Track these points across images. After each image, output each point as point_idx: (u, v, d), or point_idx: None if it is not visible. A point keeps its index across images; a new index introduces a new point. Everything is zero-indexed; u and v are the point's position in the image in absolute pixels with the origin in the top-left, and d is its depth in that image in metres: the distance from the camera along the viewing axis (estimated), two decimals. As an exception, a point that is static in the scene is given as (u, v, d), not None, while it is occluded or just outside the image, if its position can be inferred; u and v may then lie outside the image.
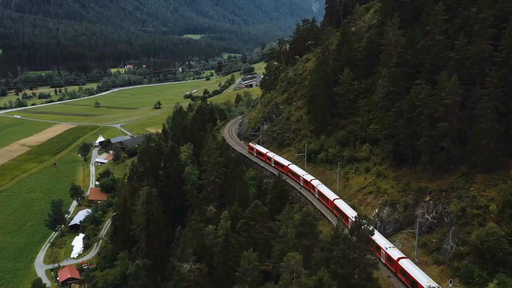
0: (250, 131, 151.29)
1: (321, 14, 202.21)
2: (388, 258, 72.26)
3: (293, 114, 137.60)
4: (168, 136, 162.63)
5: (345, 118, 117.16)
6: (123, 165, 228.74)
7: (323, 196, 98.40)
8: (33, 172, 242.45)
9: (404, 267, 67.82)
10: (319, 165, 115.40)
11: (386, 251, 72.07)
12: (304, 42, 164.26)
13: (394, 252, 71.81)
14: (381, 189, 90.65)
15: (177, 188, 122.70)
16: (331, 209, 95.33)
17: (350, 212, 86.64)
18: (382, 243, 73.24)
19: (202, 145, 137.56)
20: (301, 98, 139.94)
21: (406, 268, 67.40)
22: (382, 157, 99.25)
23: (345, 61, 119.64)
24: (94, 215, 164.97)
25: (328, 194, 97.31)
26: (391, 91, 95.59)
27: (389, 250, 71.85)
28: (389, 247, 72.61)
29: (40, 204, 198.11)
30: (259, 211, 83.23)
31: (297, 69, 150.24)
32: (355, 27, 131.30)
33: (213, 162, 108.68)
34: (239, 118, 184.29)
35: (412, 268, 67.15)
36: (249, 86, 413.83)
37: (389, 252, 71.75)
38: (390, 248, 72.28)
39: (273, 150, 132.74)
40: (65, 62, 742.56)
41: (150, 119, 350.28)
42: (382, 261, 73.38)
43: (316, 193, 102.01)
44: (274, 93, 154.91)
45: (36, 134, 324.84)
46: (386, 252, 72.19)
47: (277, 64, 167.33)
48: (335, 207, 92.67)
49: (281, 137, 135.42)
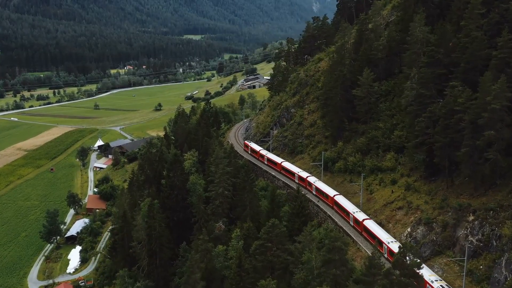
0: (259, 136, 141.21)
1: (321, 14, 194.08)
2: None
3: (306, 118, 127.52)
4: (171, 141, 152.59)
5: (364, 123, 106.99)
6: (122, 170, 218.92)
7: (322, 193, 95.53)
8: (29, 178, 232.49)
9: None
10: (337, 175, 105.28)
11: (432, 285, 61.47)
12: (315, 41, 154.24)
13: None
14: (412, 205, 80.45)
15: (181, 200, 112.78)
16: (331, 206, 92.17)
17: (351, 208, 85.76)
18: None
19: (207, 152, 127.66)
20: (314, 101, 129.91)
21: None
22: (410, 167, 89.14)
23: (364, 61, 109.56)
24: (92, 226, 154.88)
25: (327, 191, 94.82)
26: (421, 94, 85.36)
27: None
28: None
29: (36, 213, 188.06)
30: (276, 231, 73.11)
31: (309, 70, 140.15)
32: (373, 24, 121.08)
33: (222, 173, 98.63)
34: (245, 121, 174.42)
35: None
36: (252, 87, 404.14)
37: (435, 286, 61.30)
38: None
39: (285, 157, 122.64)
40: (64, 63, 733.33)
41: (151, 121, 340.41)
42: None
43: (314, 189, 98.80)
44: (283, 96, 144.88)
45: (33, 137, 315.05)
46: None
47: (285, 65, 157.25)
48: (336, 203, 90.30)
49: (293, 143, 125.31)
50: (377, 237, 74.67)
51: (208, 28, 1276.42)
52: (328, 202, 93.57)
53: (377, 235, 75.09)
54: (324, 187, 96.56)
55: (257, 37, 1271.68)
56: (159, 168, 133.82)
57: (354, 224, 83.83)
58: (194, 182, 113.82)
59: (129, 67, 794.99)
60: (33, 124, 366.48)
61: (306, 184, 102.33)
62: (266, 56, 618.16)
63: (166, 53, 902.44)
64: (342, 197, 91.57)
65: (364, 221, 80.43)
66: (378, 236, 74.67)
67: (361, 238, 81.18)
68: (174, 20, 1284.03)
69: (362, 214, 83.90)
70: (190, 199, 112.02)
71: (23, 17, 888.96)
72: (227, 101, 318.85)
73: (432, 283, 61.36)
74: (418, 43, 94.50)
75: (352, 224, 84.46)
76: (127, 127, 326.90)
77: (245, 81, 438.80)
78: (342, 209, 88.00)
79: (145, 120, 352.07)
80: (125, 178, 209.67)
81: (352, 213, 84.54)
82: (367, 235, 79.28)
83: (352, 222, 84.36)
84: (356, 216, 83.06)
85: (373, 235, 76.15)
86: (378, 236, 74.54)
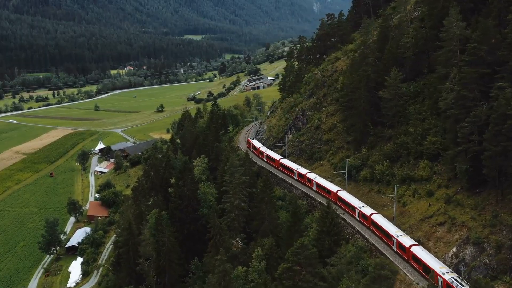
0: (272, 140, 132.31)
1: (322, 14, 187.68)
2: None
3: (324, 121, 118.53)
4: (178, 146, 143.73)
5: (391, 127, 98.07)
6: (125, 175, 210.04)
7: (324, 189, 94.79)
8: (27, 183, 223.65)
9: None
10: (363, 184, 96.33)
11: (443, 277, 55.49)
12: (330, 39, 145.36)
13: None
14: (456, 221, 71.46)
15: (192, 211, 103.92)
16: (334, 201, 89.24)
17: (357, 203, 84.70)
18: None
19: (218, 158, 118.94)
20: (332, 103, 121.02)
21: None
22: (448, 177, 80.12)
23: (390, 60, 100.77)
24: (94, 236, 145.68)
25: (329, 186, 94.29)
26: (463, 96, 76.45)
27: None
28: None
29: (34, 221, 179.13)
30: (305, 253, 64.23)
31: (325, 70, 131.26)
32: (397, 19, 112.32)
33: (237, 183, 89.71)
34: (254, 124, 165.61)
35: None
36: (256, 87, 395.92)
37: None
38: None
39: (302, 163, 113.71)
40: (63, 63, 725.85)
41: (153, 123, 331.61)
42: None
43: (314, 185, 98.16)
44: (297, 97, 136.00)
45: (32, 140, 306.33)
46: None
47: (299, 65, 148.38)
48: (340, 199, 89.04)
49: (311, 148, 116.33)
50: (424, 262, 65.92)
51: (209, 29, 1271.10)
52: (330, 198, 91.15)
53: (424, 260, 66.24)
54: (325, 183, 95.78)
55: (258, 37, 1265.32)
56: (165, 175, 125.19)
57: (360, 218, 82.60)
58: (205, 192, 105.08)
59: (130, 67, 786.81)
60: (32, 126, 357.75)
61: (305, 180, 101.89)
62: (269, 56, 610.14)
63: (167, 54, 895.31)
64: (345, 192, 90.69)
65: (372, 216, 79.65)
66: (426, 261, 65.74)
67: (369, 232, 79.50)
68: (174, 20, 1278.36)
69: (368, 208, 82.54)
70: (201, 210, 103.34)
71: (22, 17, 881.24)
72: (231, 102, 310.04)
73: (443, 275, 58.72)
74: (455, 40, 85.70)
75: (359, 219, 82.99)
76: (129, 129, 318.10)
77: (248, 82, 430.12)
78: (348, 205, 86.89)
79: (147, 122, 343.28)
80: (127, 183, 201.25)
81: (358, 208, 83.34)
82: (375, 229, 78.45)
83: (359, 217, 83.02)
84: (363, 211, 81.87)
85: (387, 233, 74.47)
86: (426, 262, 65.59)
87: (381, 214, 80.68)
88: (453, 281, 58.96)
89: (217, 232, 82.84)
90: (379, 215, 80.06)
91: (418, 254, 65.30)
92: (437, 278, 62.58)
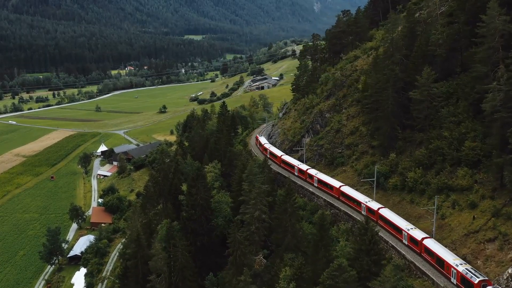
0: (287, 144, 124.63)
1: (323, 14, 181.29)
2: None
3: (345, 124, 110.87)
4: (186, 150, 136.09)
5: (421, 131, 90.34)
6: (129, 179, 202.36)
7: (326, 185, 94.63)
8: (27, 187, 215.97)
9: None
10: (392, 193, 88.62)
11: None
12: (346, 36, 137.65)
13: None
14: (509, 237, 63.85)
15: (205, 221, 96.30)
16: (337, 197, 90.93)
17: (362, 198, 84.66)
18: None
19: (231, 163, 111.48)
20: (353, 104, 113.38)
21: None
22: (494, 187, 72.40)
23: (420, 58, 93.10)
24: (98, 245, 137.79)
25: (331, 182, 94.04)
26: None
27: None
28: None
29: (35, 227, 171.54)
30: (344, 276, 56.60)
31: (344, 69, 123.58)
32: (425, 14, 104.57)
33: (258, 192, 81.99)
34: (266, 126, 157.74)
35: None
36: (260, 88, 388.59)
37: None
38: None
39: (322, 169, 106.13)
40: (63, 64, 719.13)
41: (156, 124, 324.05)
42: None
43: (315, 181, 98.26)
44: (314, 98, 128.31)
45: (32, 142, 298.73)
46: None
47: (314, 64, 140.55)
48: (344, 194, 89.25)
49: (331, 153, 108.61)
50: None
51: (209, 28, 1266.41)
52: (333, 194, 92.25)
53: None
54: (327, 179, 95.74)
55: (259, 37, 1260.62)
56: (175, 181, 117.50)
57: (367, 213, 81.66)
58: (220, 201, 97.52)
59: (130, 67, 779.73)
60: (32, 127, 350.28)
61: (306, 176, 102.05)
62: (272, 56, 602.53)
63: (168, 54, 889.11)
64: (348, 187, 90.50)
65: (380, 210, 79.28)
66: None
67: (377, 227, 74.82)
68: (174, 20, 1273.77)
69: (375, 203, 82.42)
70: (216, 220, 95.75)
71: (21, 17, 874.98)
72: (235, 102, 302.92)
73: (457, 266, 58.28)
74: (496, 36, 78.08)
75: (365, 213, 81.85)
76: (131, 130, 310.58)
77: (252, 82, 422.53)
78: (352, 200, 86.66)
79: (150, 123, 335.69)
80: (131, 187, 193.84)
81: (364, 203, 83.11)
82: (383, 223, 77.83)
83: (365, 212, 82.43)
84: (369, 205, 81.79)
85: (397, 227, 74.89)
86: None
87: (392, 211, 79.68)
88: (467, 272, 58.28)
89: (238, 247, 75.10)
90: (387, 209, 79.62)
91: (431, 247, 65.29)
92: (450, 270, 61.54)
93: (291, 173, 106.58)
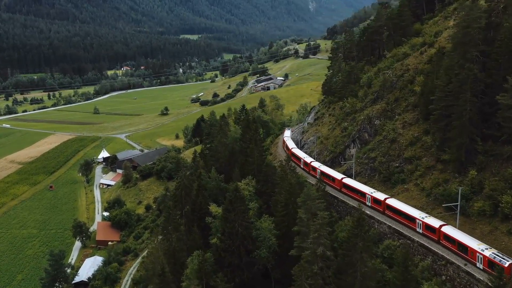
0: (328, 155, 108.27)
1: (318, 14, 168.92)
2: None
3: (401, 133, 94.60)
4: (209, 161, 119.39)
5: (508, 143, 74.47)
6: (135, 189, 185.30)
7: (328, 176, 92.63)
8: (24, 198, 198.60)
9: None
10: (479, 220, 72.16)
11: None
12: (389, 31, 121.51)
13: None
14: None
15: (245, 253, 79.86)
16: (339, 189, 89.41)
17: (367, 190, 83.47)
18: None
19: (268, 179, 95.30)
20: (408, 109, 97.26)
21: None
22: None
23: (506, 55, 77.09)
24: (108, 271, 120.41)
25: (333, 174, 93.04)
26: None
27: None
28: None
29: (34, 246, 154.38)
30: None
31: (392, 69, 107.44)
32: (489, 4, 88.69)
33: (321, 224, 65.51)
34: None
35: None
36: (266, 88, 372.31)
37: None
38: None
39: (376, 186, 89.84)
40: (58, 64, 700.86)
41: (159, 127, 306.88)
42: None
43: (318, 174, 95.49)
44: (355, 102, 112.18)
45: (28, 147, 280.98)
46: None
47: (350, 63, 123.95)
48: (346, 186, 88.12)
49: (387, 168, 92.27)
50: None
51: (205, 28, 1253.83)
52: (335, 186, 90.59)
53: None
54: (329, 171, 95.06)
55: (255, 37, 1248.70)
56: (199, 200, 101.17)
57: (372, 204, 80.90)
58: (263, 227, 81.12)
59: (127, 68, 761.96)
60: (28, 131, 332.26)
61: (309, 169, 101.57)
62: (273, 55, 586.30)
63: (164, 53, 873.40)
64: (351, 179, 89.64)
65: (387, 200, 78.40)
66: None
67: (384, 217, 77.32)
68: (169, 19, 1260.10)
69: (380, 193, 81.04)
70: (259, 252, 79.30)
71: (14, 16, 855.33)
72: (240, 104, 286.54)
73: (483, 251, 58.49)
74: None
75: (370, 205, 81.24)
76: (133, 134, 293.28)
77: (257, 82, 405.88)
78: (356, 191, 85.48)
79: (152, 126, 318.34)
80: (139, 198, 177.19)
81: (369, 194, 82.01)
82: (391, 213, 76.74)
83: (370, 203, 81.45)
84: (375, 196, 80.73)
85: (409, 216, 73.50)
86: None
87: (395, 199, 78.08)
88: (495, 256, 57.47)
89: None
90: (394, 199, 78.48)
91: (451, 234, 64.93)
92: (475, 255, 60.35)
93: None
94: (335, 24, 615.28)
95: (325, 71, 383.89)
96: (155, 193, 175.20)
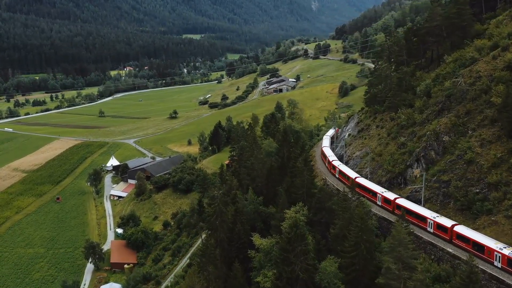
0: (385, 176, 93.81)
1: (321, 13, 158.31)
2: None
3: (479, 153, 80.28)
4: (245, 180, 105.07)
5: None
6: (150, 202, 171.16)
7: (344, 175, 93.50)
8: (29, 211, 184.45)
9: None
10: None
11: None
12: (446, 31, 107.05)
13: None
14: None
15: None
16: (351, 187, 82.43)
17: (379, 189, 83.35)
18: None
19: (322, 207, 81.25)
20: (484, 124, 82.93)
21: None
22: None
23: None
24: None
25: (349, 173, 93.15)
26: None
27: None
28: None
29: (42, 268, 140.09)
30: None
31: (459, 75, 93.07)
32: None
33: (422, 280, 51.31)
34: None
35: None
36: (278, 90, 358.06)
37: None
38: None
39: (452, 216, 75.58)
40: (60, 64, 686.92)
41: (169, 132, 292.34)
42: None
43: (337, 172, 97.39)
44: (411, 114, 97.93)
45: (32, 153, 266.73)
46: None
47: (403, 68, 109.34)
48: (358, 185, 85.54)
49: (465, 194, 77.80)
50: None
51: (208, 27, 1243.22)
52: (348, 184, 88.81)
53: None
54: (346, 170, 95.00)
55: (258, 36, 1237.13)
56: (237, 229, 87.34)
57: (383, 203, 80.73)
58: (327, 270, 66.97)
59: (130, 68, 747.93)
60: (31, 136, 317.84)
61: (330, 167, 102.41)
62: (281, 56, 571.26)
63: (167, 53, 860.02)
64: (364, 179, 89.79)
65: (396, 200, 78.08)
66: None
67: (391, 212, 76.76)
68: (172, 19, 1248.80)
69: (391, 193, 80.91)
70: (324, 302, 65.11)
71: (15, 16, 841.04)
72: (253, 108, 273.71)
73: (501, 250, 56.76)
74: None
75: (381, 204, 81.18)
76: (142, 139, 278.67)
77: (268, 84, 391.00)
78: (368, 190, 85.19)
79: (162, 130, 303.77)
80: (155, 213, 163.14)
81: (380, 193, 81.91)
82: (400, 213, 72.20)
83: (381, 202, 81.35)
84: (386, 195, 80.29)
85: (420, 216, 72.90)
86: None
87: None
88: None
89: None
90: (403, 199, 78.47)
91: (465, 233, 63.55)
92: (493, 254, 58.59)
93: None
94: (344, 24, 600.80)
95: (338, 72, 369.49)
96: (172, 208, 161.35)
